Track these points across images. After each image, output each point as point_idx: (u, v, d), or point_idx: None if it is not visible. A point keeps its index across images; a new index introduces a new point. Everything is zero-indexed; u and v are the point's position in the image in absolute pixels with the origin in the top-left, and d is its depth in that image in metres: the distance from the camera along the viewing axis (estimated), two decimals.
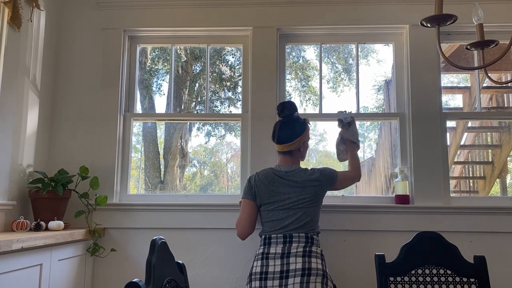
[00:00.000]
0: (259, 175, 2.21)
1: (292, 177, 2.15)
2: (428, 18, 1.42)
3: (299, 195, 2.11)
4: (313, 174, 2.18)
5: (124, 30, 2.85)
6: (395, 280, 2.08)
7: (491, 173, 5.04)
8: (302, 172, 2.18)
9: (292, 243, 2.04)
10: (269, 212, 2.14)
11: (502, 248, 2.53)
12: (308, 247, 2.03)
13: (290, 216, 2.09)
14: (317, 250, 2.05)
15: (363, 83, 3.39)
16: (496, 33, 2.63)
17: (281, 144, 2.21)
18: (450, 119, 2.86)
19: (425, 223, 2.53)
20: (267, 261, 2.02)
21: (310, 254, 2.01)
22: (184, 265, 1.83)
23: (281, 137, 2.21)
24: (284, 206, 2.11)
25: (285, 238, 2.06)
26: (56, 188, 2.38)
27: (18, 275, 1.86)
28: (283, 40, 2.88)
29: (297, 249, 2.02)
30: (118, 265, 2.62)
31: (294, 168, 2.18)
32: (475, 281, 2.05)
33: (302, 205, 2.10)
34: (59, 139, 2.75)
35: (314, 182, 2.15)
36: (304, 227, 2.08)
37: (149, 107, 4.50)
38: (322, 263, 2.03)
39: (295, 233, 2.06)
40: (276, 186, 2.14)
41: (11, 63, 2.33)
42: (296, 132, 2.21)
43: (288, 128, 2.22)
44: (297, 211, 2.09)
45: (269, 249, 2.06)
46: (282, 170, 2.18)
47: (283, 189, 2.13)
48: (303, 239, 2.05)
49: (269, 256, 2.04)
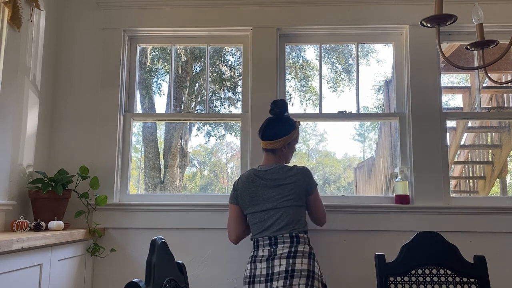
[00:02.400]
0: (241, 178, 2.20)
1: (270, 175, 2.11)
2: (428, 18, 1.42)
3: (277, 194, 2.07)
4: (291, 170, 2.13)
5: (124, 30, 2.85)
6: (395, 280, 2.08)
7: (491, 173, 5.04)
8: (280, 169, 2.13)
9: (277, 244, 2.01)
10: (252, 215, 2.12)
11: (502, 248, 2.53)
12: (294, 247, 1.99)
13: (271, 217, 2.06)
14: (304, 249, 2.00)
15: (363, 83, 3.40)
16: (496, 33, 2.63)
17: (264, 141, 2.19)
18: (450, 119, 2.86)
19: (425, 223, 2.53)
20: (255, 264, 2.01)
21: (295, 255, 1.97)
22: (184, 265, 1.83)
23: (265, 133, 2.20)
24: (264, 207, 2.07)
25: (270, 240, 2.03)
26: (56, 188, 2.38)
27: (18, 275, 1.86)
28: (283, 40, 2.88)
29: (282, 250, 1.98)
30: (118, 265, 2.62)
31: (273, 166, 2.14)
32: (475, 281, 2.05)
33: (281, 205, 2.05)
34: (59, 139, 2.75)
35: (292, 178, 2.09)
36: (287, 227, 2.03)
37: (149, 107, 4.50)
38: (310, 262, 1.97)
39: (279, 235, 2.02)
40: (255, 187, 2.11)
41: (11, 63, 2.33)
42: (282, 131, 2.18)
43: (274, 126, 2.20)
44: (277, 211, 2.05)
45: (257, 252, 2.05)
46: (262, 170, 2.16)
47: (262, 190, 2.10)
48: (287, 239, 2.01)
49: (256, 259, 2.02)
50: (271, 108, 2.26)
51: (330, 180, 6.81)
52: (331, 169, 6.89)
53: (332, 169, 6.87)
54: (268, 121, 2.24)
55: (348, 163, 6.62)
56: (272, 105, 2.26)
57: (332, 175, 6.80)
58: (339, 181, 6.79)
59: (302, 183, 2.10)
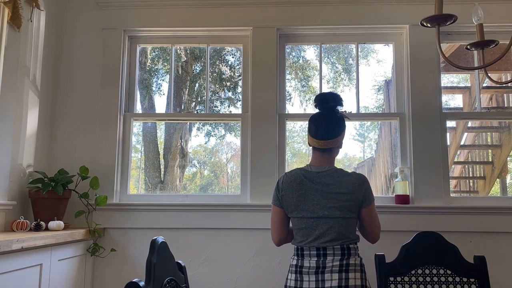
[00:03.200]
0: (287, 176, 1.95)
1: (322, 179, 1.87)
2: (428, 18, 1.42)
3: (329, 202, 1.83)
4: (348, 176, 1.88)
5: (124, 30, 2.85)
6: (395, 280, 2.08)
7: (491, 173, 5.04)
8: (335, 173, 1.88)
9: (326, 256, 1.81)
10: (298, 220, 1.89)
11: (502, 248, 2.53)
12: (345, 259, 1.80)
13: (320, 226, 1.84)
14: (356, 261, 1.82)
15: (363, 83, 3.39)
16: (496, 33, 2.63)
17: (324, 140, 1.91)
18: (450, 119, 2.86)
19: (425, 223, 2.53)
20: (301, 276, 1.82)
21: (348, 269, 1.78)
22: (184, 265, 1.84)
23: (325, 131, 1.91)
24: (313, 214, 1.84)
25: (318, 250, 1.82)
26: (56, 188, 2.38)
27: (18, 275, 1.86)
28: (283, 40, 2.88)
29: (332, 263, 1.79)
30: (118, 265, 2.62)
31: (328, 169, 1.90)
32: (475, 281, 2.05)
33: (333, 215, 1.83)
34: (59, 139, 2.75)
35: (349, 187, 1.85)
36: (338, 239, 1.82)
37: (149, 107, 4.50)
38: (362, 276, 1.81)
39: (329, 246, 1.81)
40: (304, 190, 1.87)
41: (11, 63, 2.32)
42: (341, 126, 1.95)
43: (334, 123, 1.93)
44: (327, 220, 1.83)
45: (302, 261, 1.84)
46: (313, 171, 1.91)
47: (311, 195, 1.86)
48: (338, 251, 1.81)
49: (303, 270, 1.82)
50: (323, 101, 1.98)
51: None
52: None
53: None
54: (323, 118, 1.94)
55: (348, 163, 6.62)
56: (322, 98, 1.99)
57: None
58: None
59: (358, 195, 1.86)
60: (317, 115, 1.97)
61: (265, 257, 2.59)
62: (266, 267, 2.59)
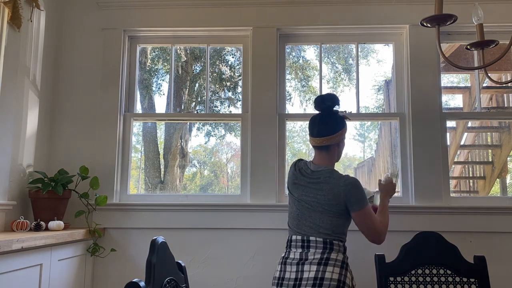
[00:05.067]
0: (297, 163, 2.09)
1: (316, 177, 1.97)
2: (428, 18, 1.42)
3: (314, 197, 1.94)
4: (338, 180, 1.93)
5: (124, 30, 2.85)
6: (395, 280, 2.08)
7: (491, 173, 5.04)
8: (327, 173, 1.96)
9: (310, 248, 1.91)
10: (291, 201, 2.04)
11: (502, 248, 2.53)
12: (327, 253, 1.88)
13: (306, 215, 1.95)
14: (337, 257, 1.89)
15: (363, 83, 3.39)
16: (496, 33, 2.63)
17: (317, 138, 2.01)
18: (450, 119, 2.86)
19: (425, 223, 2.53)
20: (285, 266, 1.94)
21: (327, 262, 1.86)
22: (184, 265, 1.83)
23: (320, 130, 2.00)
24: (302, 204, 1.97)
25: (303, 242, 1.93)
26: (56, 188, 2.38)
27: (18, 275, 1.86)
28: (283, 40, 2.88)
29: (314, 256, 1.88)
30: (118, 265, 2.62)
31: (323, 168, 1.98)
32: (475, 281, 2.05)
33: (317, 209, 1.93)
34: (59, 139, 2.75)
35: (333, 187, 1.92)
36: (320, 232, 1.92)
37: (149, 107, 4.50)
38: (341, 272, 1.86)
39: (312, 237, 1.92)
40: (299, 180, 2.01)
41: (11, 63, 2.32)
42: (338, 125, 2.02)
43: (329, 121, 2.02)
44: (312, 212, 1.94)
45: (289, 254, 1.97)
46: (310, 168, 2.02)
47: (302, 187, 1.99)
48: (320, 244, 1.90)
49: (287, 261, 1.95)
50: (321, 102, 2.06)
51: None
52: None
53: None
54: (321, 118, 2.04)
55: (348, 163, 6.62)
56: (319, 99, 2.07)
57: None
58: None
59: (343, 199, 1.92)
60: (315, 115, 2.08)
61: (265, 257, 2.59)
62: (266, 267, 2.59)
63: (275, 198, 2.64)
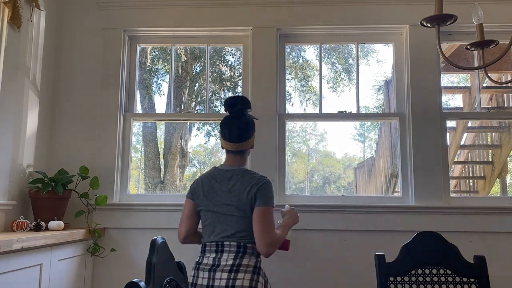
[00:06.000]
0: (204, 174, 2.05)
1: (229, 178, 1.94)
2: (428, 18, 1.42)
3: (229, 200, 1.90)
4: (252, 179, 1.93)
5: (124, 30, 2.85)
6: (395, 280, 2.08)
7: (491, 173, 5.04)
8: (242, 173, 1.96)
9: (223, 252, 1.87)
10: (204, 214, 1.97)
11: (502, 248, 2.53)
12: (239, 258, 1.84)
13: (221, 222, 1.90)
14: (249, 262, 1.85)
15: (363, 83, 3.40)
16: (496, 33, 2.63)
17: (236, 143, 1.99)
18: (450, 119, 2.86)
19: (425, 223, 2.53)
20: (198, 272, 1.88)
21: (238, 269, 1.81)
22: (184, 265, 1.84)
23: (237, 135, 1.99)
24: (217, 210, 1.91)
25: (217, 247, 1.88)
26: (56, 188, 2.38)
27: (18, 275, 1.86)
28: (283, 40, 2.88)
29: (226, 262, 1.84)
30: (118, 265, 2.61)
31: (236, 169, 1.98)
32: (475, 281, 2.05)
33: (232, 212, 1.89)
34: (59, 139, 2.75)
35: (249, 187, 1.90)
36: (235, 235, 1.87)
37: (149, 107, 4.50)
38: (253, 278, 1.81)
39: (227, 241, 1.87)
40: (211, 186, 1.96)
41: (11, 63, 2.32)
42: (251, 129, 2.05)
43: (243, 126, 2.01)
44: (227, 217, 1.89)
45: (203, 259, 1.91)
46: (223, 169, 1.99)
47: (216, 192, 1.94)
48: (234, 248, 1.86)
49: (200, 267, 1.88)
50: (232, 105, 2.03)
51: (330, 180, 6.81)
52: (331, 169, 6.89)
53: (332, 169, 6.87)
54: (234, 121, 2.02)
55: (348, 163, 6.62)
56: (232, 102, 2.04)
57: (332, 175, 6.80)
58: (339, 181, 6.79)
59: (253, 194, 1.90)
60: (228, 119, 2.04)
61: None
62: (265, 267, 2.59)
63: (275, 198, 2.63)
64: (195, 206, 2.00)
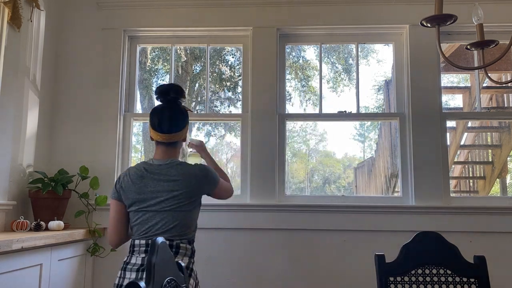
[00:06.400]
0: (130, 170, 1.91)
1: (165, 171, 1.84)
2: (428, 18, 1.42)
3: (169, 194, 1.81)
4: (193, 169, 1.87)
5: (124, 30, 2.85)
6: (395, 280, 2.08)
7: (491, 173, 5.05)
8: (179, 165, 1.86)
9: None
10: (135, 214, 1.85)
11: (502, 248, 2.53)
12: None
13: (154, 219, 1.81)
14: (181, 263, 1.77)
15: (363, 83, 3.40)
16: (496, 33, 2.63)
17: (169, 134, 1.88)
18: (450, 119, 2.86)
19: (425, 223, 2.53)
20: (125, 273, 1.78)
21: None
22: (184, 265, 1.83)
23: (170, 125, 1.88)
24: (150, 208, 1.81)
25: (147, 246, 1.79)
26: (56, 188, 2.38)
27: (18, 275, 1.86)
28: (283, 40, 2.88)
29: None
30: (118, 265, 2.60)
31: (170, 161, 1.87)
32: (475, 281, 2.05)
33: (170, 207, 1.80)
34: (59, 139, 2.75)
35: (190, 177, 1.84)
36: (169, 232, 1.79)
37: (149, 107, 4.50)
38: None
39: None
40: (144, 183, 1.83)
41: (11, 63, 2.32)
42: (185, 119, 1.94)
43: (177, 116, 1.91)
44: (163, 214, 1.80)
45: (130, 258, 1.81)
46: (155, 164, 1.87)
47: (151, 187, 1.82)
48: None
49: (127, 267, 1.79)
50: (164, 93, 1.92)
51: (330, 180, 6.81)
52: (331, 169, 6.89)
53: (332, 169, 6.87)
54: (165, 111, 1.90)
55: (348, 163, 6.62)
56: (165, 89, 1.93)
57: (332, 175, 6.80)
58: (339, 181, 6.79)
59: (204, 184, 1.88)
60: (159, 108, 1.93)
61: (265, 257, 2.60)
62: (266, 267, 2.59)
63: (275, 198, 2.64)
64: (125, 207, 1.89)
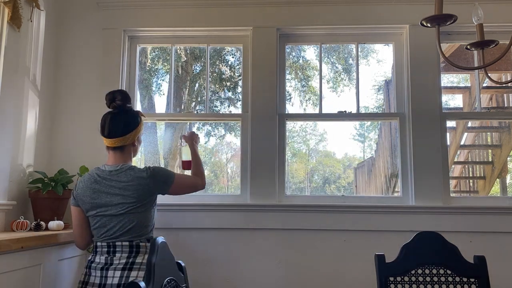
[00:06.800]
0: (84, 176, 2.00)
1: (115, 177, 1.90)
2: (428, 18, 1.42)
3: (122, 198, 1.87)
4: (141, 173, 1.91)
5: (124, 30, 2.85)
6: (395, 280, 2.08)
7: (491, 173, 5.05)
8: (129, 170, 1.91)
9: (115, 253, 1.85)
10: (93, 218, 1.92)
11: (502, 248, 2.53)
12: (133, 257, 1.84)
13: (112, 222, 1.87)
14: (143, 260, 1.84)
15: (363, 83, 3.40)
16: (496, 33, 2.63)
17: (113, 138, 1.94)
18: (450, 119, 2.87)
19: (425, 223, 2.53)
20: (90, 271, 1.86)
21: (132, 267, 1.81)
22: (184, 265, 1.83)
23: (113, 130, 1.94)
24: (107, 212, 1.88)
25: (108, 248, 1.87)
26: (56, 188, 2.38)
27: (18, 275, 1.86)
28: (283, 40, 2.88)
29: (119, 260, 1.83)
30: None
31: (120, 167, 1.92)
32: (475, 281, 2.05)
33: (124, 210, 1.86)
34: (59, 139, 2.75)
35: (139, 181, 1.89)
36: (128, 234, 1.86)
37: (149, 107, 4.50)
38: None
39: (118, 242, 1.86)
40: (98, 189, 1.90)
41: (11, 63, 2.32)
42: (131, 124, 1.98)
43: (121, 120, 1.96)
44: (119, 217, 1.86)
45: (95, 257, 1.89)
46: (106, 170, 1.93)
47: (105, 193, 1.89)
48: (126, 248, 1.85)
49: (92, 265, 1.87)
50: (110, 100, 1.99)
51: (330, 180, 6.81)
52: (331, 169, 6.89)
53: (332, 169, 6.87)
54: (112, 116, 1.97)
55: (348, 163, 6.63)
56: (111, 97, 1.99)
57: (332, 175, 6.80)
58: (339, 181, 6.79)
59: (156, 186, 1.94)
60: (106, 114, 2.00)
61: (264, 257, 2.60)
62: (265, 267, 2.59)
63: (275, 198, 2.64)
64: (83, 213, 1.96)
